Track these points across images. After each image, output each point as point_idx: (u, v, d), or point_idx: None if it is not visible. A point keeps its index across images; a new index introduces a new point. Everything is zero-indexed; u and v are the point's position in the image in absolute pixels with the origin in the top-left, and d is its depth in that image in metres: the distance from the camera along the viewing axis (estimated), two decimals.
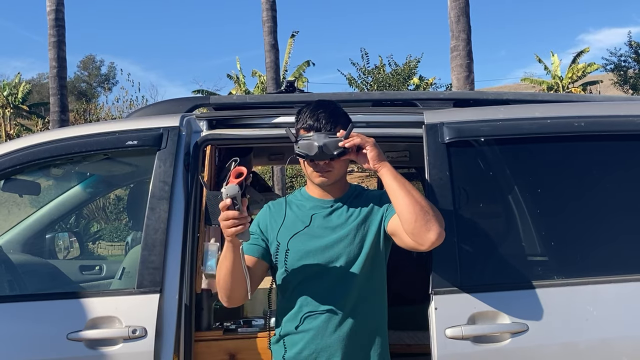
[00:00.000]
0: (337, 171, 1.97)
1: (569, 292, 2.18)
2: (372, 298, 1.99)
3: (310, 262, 1.94)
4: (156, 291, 2.23)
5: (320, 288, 1.94)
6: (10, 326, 2.22)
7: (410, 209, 1.83)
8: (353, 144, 1.90)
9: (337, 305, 1.92)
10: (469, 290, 2.16)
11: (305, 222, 1.99)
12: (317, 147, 1.89)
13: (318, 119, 1.94)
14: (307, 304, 1.94)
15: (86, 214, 9.45)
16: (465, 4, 10.69)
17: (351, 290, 1.93)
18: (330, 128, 1.93)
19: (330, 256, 1.94)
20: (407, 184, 1.88)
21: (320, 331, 1.93)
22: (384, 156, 1.94)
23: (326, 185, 1.99)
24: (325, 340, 1.92)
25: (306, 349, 1.93)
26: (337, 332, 1.93)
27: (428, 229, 1.82)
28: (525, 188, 2.34)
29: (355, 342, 1.94)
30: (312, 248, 1.95)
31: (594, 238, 2.32)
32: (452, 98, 2.71)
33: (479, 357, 2.11)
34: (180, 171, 2.39)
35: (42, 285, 2.99)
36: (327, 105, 2.01)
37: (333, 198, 2.03)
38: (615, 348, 2.14)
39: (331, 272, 1.94)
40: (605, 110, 2.50)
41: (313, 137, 1.91)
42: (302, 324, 1.94)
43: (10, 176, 2.53)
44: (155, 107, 2.84)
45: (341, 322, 1.93)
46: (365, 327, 1.96)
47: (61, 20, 13.41)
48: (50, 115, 13.84)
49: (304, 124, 1.97)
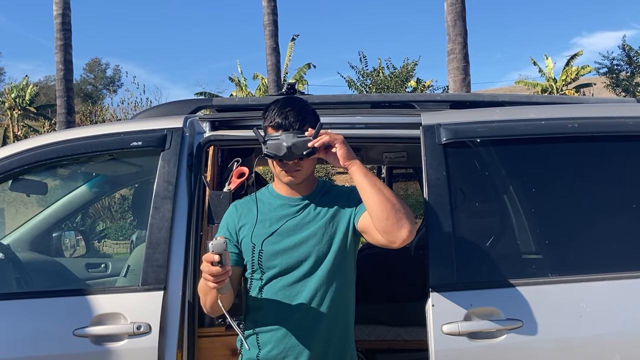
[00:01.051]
0: (305, 170, 1.93)
1: (562, 289, 2.18)
2: (341, 296, 1.94)
3: (279, 261, 1.92)
4: (160, 288, 2.23)
5: (289, 287, 1.91)
6: (18, 322, 2.22)
7: (382, 207, 1.79)
8: (322, 142, 1.84)
9: (306, 303, 1.90)
10: (465, 287, 2.16)
11: (275, 222, 1.95)
12: (286, 147, 1.83)
13: (286, 117, 1.88)
14: (277, 303, 1.91)
15: (92, 213, 9.46)
16: (462, 8, 10.70)
17: (320, 288, 1.91)
18: (298, 127, 1.87)
19: (299, 255, 1.91)
20: (378, 182, 1.85)
21: (289, 330, 1.90)
22: (353, 153, 1.90)
23: (295, 184, 1.96)
24: (293, 339, 1.90)
25: (275, 348, 1.91)
26: (306, 331, 1.90)
27: (400, 227, 1.78)
28: (520, 188, 2.34)
29: (324, 342, 1.92)
30: (282, 247, 1.92)
31: (587, 236, 2.32)
32: (449, 100, 2.71)
33: (474, 352, 2.10)
34: (183, 171, 2.39)
35: (49, 283, 2.99)
36: (295, 102, 1.94)
37: (301, 196, 1.98)
38: (607, 344, 2.14)
39: (300, 271, 1.91)
40: (598, 112, 2.51)
41: (281, 138, 1.85)
42: (271, 324, 1.92)
43: (18, 176, 2.53)
44: (159, 109, 2.84)
45: (310, 320, 1.91)
46: (334, 325, 1.94)
47: (67, 24, 13.41)
48: (57, 116, 13.84)
49: (272, 122, 1.90)
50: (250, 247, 1.94)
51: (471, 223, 2.30)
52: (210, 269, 1.68)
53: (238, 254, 1.97)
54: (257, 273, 1.95)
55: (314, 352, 1.91)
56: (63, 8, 13.32)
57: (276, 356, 1.91)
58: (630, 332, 2.15)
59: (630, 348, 2.13)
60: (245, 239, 1.96)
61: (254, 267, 1.95)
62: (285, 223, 1.95)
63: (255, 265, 1.94)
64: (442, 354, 2.09)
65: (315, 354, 1.91)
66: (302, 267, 1.91)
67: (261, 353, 1.93)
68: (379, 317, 3.51)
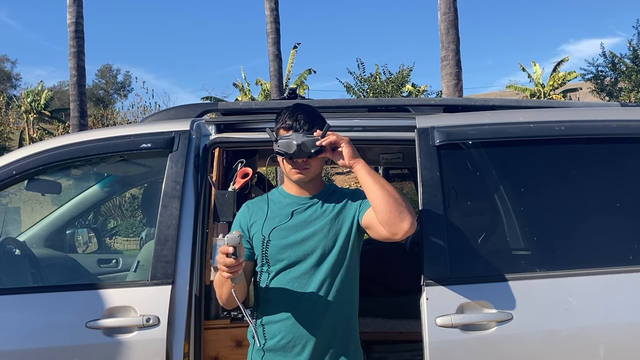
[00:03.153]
0: (313, 169, 1.97)
1: (550, 283, 2.18)
2: (345, 289, 1.97)
3: (287, 255, 1.94)
4: (168, 283, 2.23)
5: (297, 279, 1.93)
6: (33, 315, 2.22)
7: (385, 201, 1.84)
8: (329, 141, 1.91)
9: (313, 294, 1.92)
10: (458, 282, 2.16)
11: (284, 217, 1.98)
12: (296, 145, 1.89)
13: (297, 120, 1.95)
14: (285, 295, 1.93)
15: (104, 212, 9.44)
16: (454, 17, 10.68)
17: (326, 281, 1.92)
18: (307, 128, 1.94)
19: (306, 249, 1.93)
20: (381, 179, 1.89)
21: (297, 320, 1.91)
22: (357, 153, 1.95)
23: (303, 182, 1.98)
24: (301, 329, 1.91)
25: (285, 338, 1.92)
26: (313, 321, 1.91)
27: (402, 219, 1.83)
28: (509, 187, 2.34)
29: (329, 331, 1.93)
30: (290, 242, 1.94)
31: (573, 233, 2.32)
32: (442, 104, 2.71)
33: (467, 344, 2.10)
34: (190, 172, 2.39)
35: (63, 278, 2.99)
36: (304, 108, 2.01)
37: (309, 195, 2.02)
38: (593, 336, 2.13)
39: (307, 264, 1.93)
40: (584, 115, 2.50)
41: (292, 137, 1.91)
42: (280, 314, 1.93)
43: (34, 176, 2.53)
44: (167, 113, 2.84)
45: (317, 310, 1.92)
46: (339, 316, 1.95)
47: (80, 32, 13.40)
48: (71, 120, 13.83)
49: (284, 123, 1.96)
50: (260, 240, 1.96)
51: (463, 221, 2.30)
52: (225, 260, 1.72)
53: (250, 249, 2.00)
54: (265, 266, 1.96)
55: (321, 341, 1.92)
56: (76, 17, 13.30)
57: (285, 345, 1.92)
58: (614, 324, 2.15)
59: (614, 340, 2.13)
60: (257, 234, 1.99)
61: (263, 261, 1.96)
62: (294, 219, 1.97)
63: (265, 259, 1.96)
64: (436, 345, 2.09)
65: (322, 343, 1.92)
66: (309, 260, 1.93)
67: (271, 343, 1.94)
68: (376, 309, 3.51)
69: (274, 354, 1.94)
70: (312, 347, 1.91)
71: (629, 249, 2.23)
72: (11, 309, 2.23)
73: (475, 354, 2.10)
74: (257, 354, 1.97)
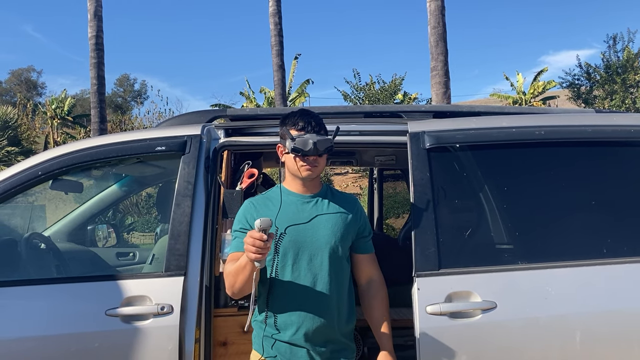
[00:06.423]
0: (321, 167, 1.98)
1: (531, 275, 2.18)
2: (346, 276, 2.01)
3: (296, 247, 1.93)
4: (181, 274, 2.23)
5: (306, 270, 1.92)
6: (57, 303, 2.22)
7: None
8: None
9: (322, 284, 1.92)
10: (446, 273, 2.16)
11: (293, 213, 1.96)
12: (312, 143, 1.92)
13: (310, 122, 1.97)
14: (294, 286, 1.92)
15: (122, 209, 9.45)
16: (443, 31, 10.68)
17: (332, 272, 1.93)
18: (318, 130, 1.97)
19: (313, 241, 1.93)
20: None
21: (306, 311, 1.90)
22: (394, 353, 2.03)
23: (311, 178, 1.98)
24: (316, 320, 1.91)
25: (301, 329, 1.90)
26: (322, 311, 1.91)
27: None
28: (494, 186, 2.34)
29: (335, 314, 1.95)
30: (298, 234, 1.93)
31: (552, 229, 2.32)
32: (432, 110, 2.71)
33: (454, 330, 2.10)
34: (201, 172, 2.40)
35: (85, 269, 2.99)
36: (312, 113, 2.04)
37: (311, 194, 2.02)
38: (570, 323, 2.13)
39: (315, 255, 1.93)
40: (562, 121, 2.50)
41: (307, 136, 1.94)
42: (289, 304, 1.91)
43: (58, 177, 2.53)
44: (180, 118, 2.84)
45: (325, 301, 1.92)
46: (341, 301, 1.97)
47: (100, 44, 13.41)
48: (91, 125, 13.83)
49: (296, 125, 1.97)
50: (277, 231, 1.93)
51: (451, 217, 2.30)
52: (255, 241, 1.69)
53: None
54: (277, 257, 1.94)
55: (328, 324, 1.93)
56: (97, 31, 13.31)
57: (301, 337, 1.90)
58: (590, 312, 2.15)
59: (589, 327, 2.13)
60: (274, 224, 1.93)
61: (277, 251, 1.94)
62: (301, 214, 1.97)
63: (274, 251, 1.94)
64: (426, 331, 2.09)
65: (329, 327, 1.93)
66: (317, 252, 1.93)
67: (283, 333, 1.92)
68: None
69: (284, 343, 1.92)
70: (319, 334, 1.91)
71: (603, 244, 2.23)
72: (38, 298, 2.23)
73: (462, 339, 2.10)
74: (267, 342, 1.95)
